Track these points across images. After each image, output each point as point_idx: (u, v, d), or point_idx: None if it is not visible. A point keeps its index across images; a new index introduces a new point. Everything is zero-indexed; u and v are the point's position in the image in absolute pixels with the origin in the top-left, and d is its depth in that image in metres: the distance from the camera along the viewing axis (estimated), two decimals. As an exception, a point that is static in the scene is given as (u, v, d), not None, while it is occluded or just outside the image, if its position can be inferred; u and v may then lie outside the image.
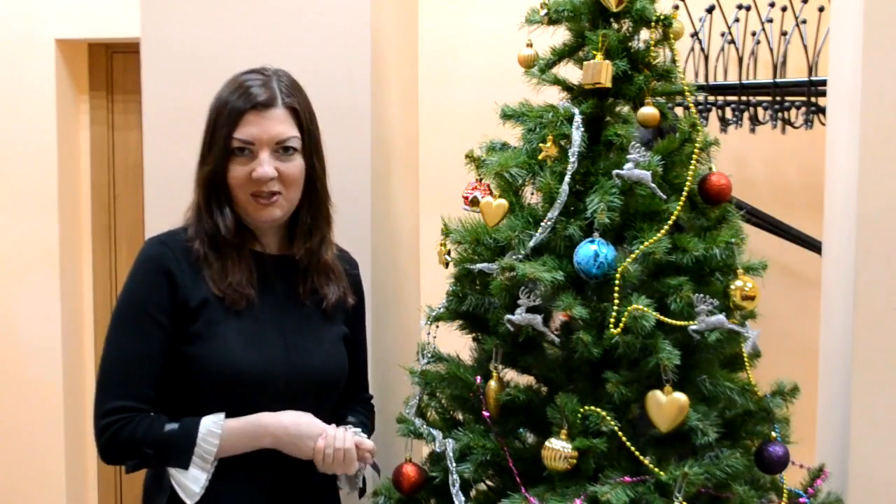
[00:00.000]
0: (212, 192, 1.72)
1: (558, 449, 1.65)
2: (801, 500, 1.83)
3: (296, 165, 1.74)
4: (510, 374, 1.84)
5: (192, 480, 1.64)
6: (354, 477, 1.80)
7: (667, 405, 1.64)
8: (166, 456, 1.65)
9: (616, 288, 1.66)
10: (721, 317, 1.66)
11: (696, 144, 1.78)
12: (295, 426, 1.68)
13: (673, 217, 1.72)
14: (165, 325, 1.68)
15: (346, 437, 1.70)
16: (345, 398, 1.88)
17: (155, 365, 1.68)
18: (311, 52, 2.10)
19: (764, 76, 3.20)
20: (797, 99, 3.14)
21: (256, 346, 1.70)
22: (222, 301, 1.70)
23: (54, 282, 3.49)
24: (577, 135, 1.76)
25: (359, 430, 1.78)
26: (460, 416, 1.93)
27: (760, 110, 3.20)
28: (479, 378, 1.82)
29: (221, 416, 1.67)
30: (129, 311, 1.70)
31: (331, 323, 1.82)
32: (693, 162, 1.77)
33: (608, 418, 1.67)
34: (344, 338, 1.84)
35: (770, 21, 3.13)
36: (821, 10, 3.03)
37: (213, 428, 1.65)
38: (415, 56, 2.57)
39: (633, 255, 1.69)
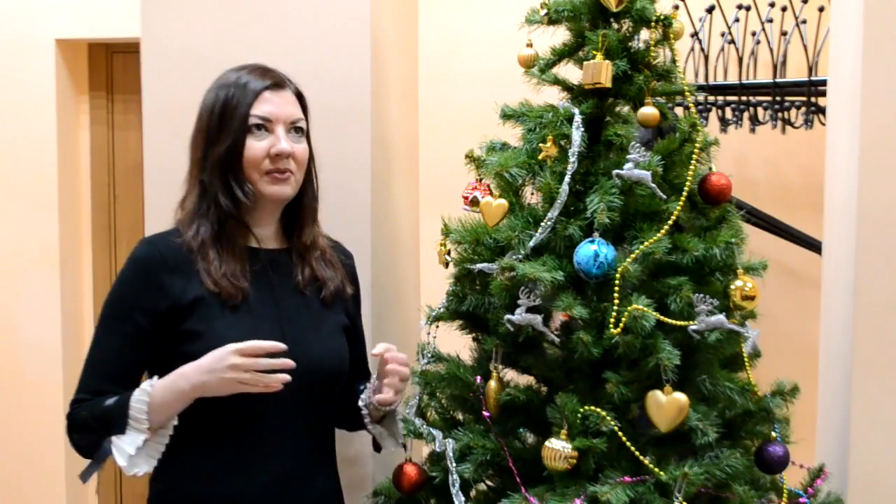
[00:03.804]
0: (227, 171, 1.72)
1: (558, 449, 1.65)
2: (801, 500, 1.83)
3: (304, 148, 1.78)
4: (510, 374, 1.84)
5: (127, 443, 1.64)
6: (393, 427, 1.84)
7: (667, 405, 1.64)
8: (107, 425, 1.66)
9: (616, 288, 1.66)
10: (721, 317, 1.66)
11: (696, 144, 1.78)
12: (207, 361, 1.62)
13: (673, 217, 1.72)
14: (145, 327, 1.68)
15: (255, 344, 1.61)
16: (355, 384, 1.88)
17: (126, 364, 1.70)
18: (311, 52, 2.10)
19: (764, 76, 3.20)
20: (797, 99, 3.14)
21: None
22: (218, 296, 1.69)
23: (54, 282, 3.49)
24: (577, 135, 1.76)
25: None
26: (460, 416, 1.93)
27: (760, 110, 3.20)
28: (479, 378, 1.82)
29: (155, 377, 1.67)
30: (111, 311, 1.72)
31: (330, 312, 1.82)
32: (693, 162, 1.77)
33: (608, 418, 1.67)
34: (344, 328, 1.84)
35: (770, 21, 3.13)
36: (821, 10, 3.03)
37: (145, 387, 1.65)
38: (415, 56, 2.57)
39: (633, 255, 1.69)
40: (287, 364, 1.62)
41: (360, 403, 1.83)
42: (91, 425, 1.67)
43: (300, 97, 1.79)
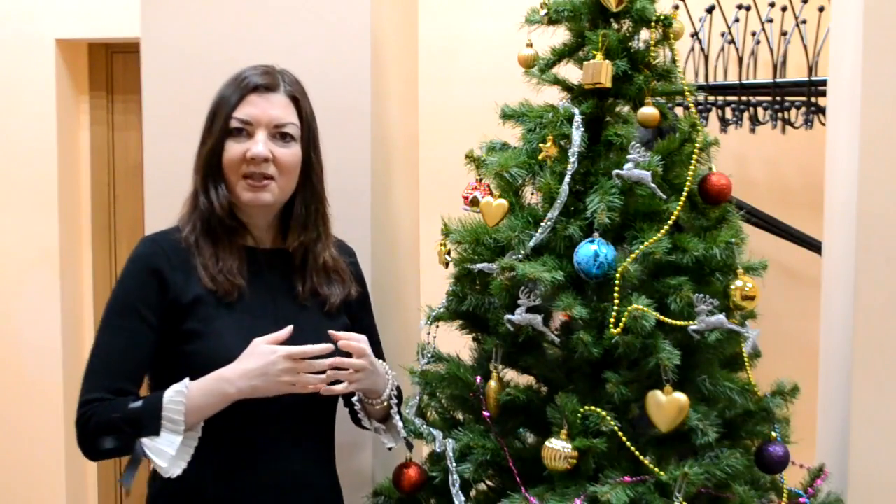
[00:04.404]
0: (209, 172, 1.73)
1: (558, 449, 1.65)
2: (801, 500, 1.83)
3: (292, 153, 1.74)
4: (510, 374, 1.84)
5: (165, 444, 1.62)
6: (391, 426, 1.83)
7: (667, 405, 1.64)
8: (136, 426, 1.62)
9: (616, 288, 1.66)
10: (721, 317, 1.66)
11: (696, 144, 1.78)
12: (255, 365, 1.62)
13: (673, 217, 1.72)
14: (152, 323, 1.68)
15: (304, 349, 1.63)
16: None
17: (137, 360, 1.69)
18: (311, 52, 2.10)
19: (764, 76, 3.20)
20: (797, 99, 3.14)
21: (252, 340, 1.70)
22: (215, 294, 1.70)
23: (54, 282, 3.49)
24: (577, 135, 1.76)
25: (387, 366, 1.82)
26: (460, 416, 1.93)
27: (760, 110, 3.21)
28: (479, 378, 1.82)
29: (186, 380, 1.65)
30: (117, 307, 1.71)
31: (331, 318, 1.82)
32: (693, 162, 1.77)
33: (608, 418, 1.67)
34: (345, 329, 1.84)
35: (770, 21, 3.13)
36: (821, 10, 3.04)
37: (180, 388, 1.63)
38: (415, 56, 2.57)
39: (633, 255, 1.69)
40: (342, 363, 1.66)
41: (354, 399, 1.83)
42: (120, 426, 1.62)
43: (296, 102, 1.76)
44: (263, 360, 1.63)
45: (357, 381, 1.71)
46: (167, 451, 1.62)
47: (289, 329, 1.66)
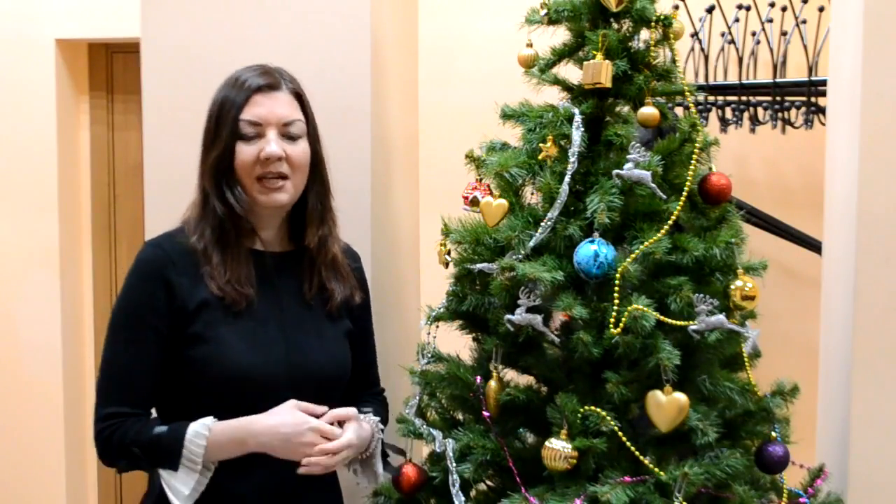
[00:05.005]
0: (221, 177, 1.72)
1: (558, 449, 1.65)
2: (801, 500, 1.83)
3: (302, 150, 1.75)
4: (510, 374, 1.84)
5: (181, 482, 1.64)
6: (370, 471, 1.83)
7: (667, 405, 1.64)
8: (156, 458, 1.65)
9: (616, 288, 1.66)
10: (721, 317, 1.65)
11: (696, 144, 1.77)
12: (283, 429, 1.66)
13: (673, 217, 1.72)
14: (161, 330, 1.68)
15: (334, 431, 1.70)
16: (356, 391, 1.88)
17: (151, 370, 1.69)
18: (311, 52, 2.10)
19: (764, 76, 3.20)
20: (797, 99, 3.14)
21: (257, 346, 1.70)
22: (222, 301, 1.69)
23: (54, 282, 3.50)
24: (577, 135, 1.76)
25: (375, 419, 1.83)
26: (460, 416, 1.93)
27: (760, 110, 3.21)
28: (479, 378, 1.82)
29: (210, 418, 1.66)
30: (125, 316, 1.70)
31: (333, 321, 1.82)
32: (693, 162, 1.76)
33: (608, 418, 1.67)
34: (348, 333, 1.84)
35: (770, 21, 3.13)
36: (821, 10, 3.04)
37: (201, 430, 1.64)
38: (415, 56, 2.57)
39: (633, 255, 1.69)
40: (329, 449, 1.69)
41: None
42: (136, 454, 1.65)
43: (299, 98, 1.77)
44: (293, 429, 1.66)
45: (343, 461, 1.75)
46: (182, 490, 1.63)
47: (324, 409, 1.72)
